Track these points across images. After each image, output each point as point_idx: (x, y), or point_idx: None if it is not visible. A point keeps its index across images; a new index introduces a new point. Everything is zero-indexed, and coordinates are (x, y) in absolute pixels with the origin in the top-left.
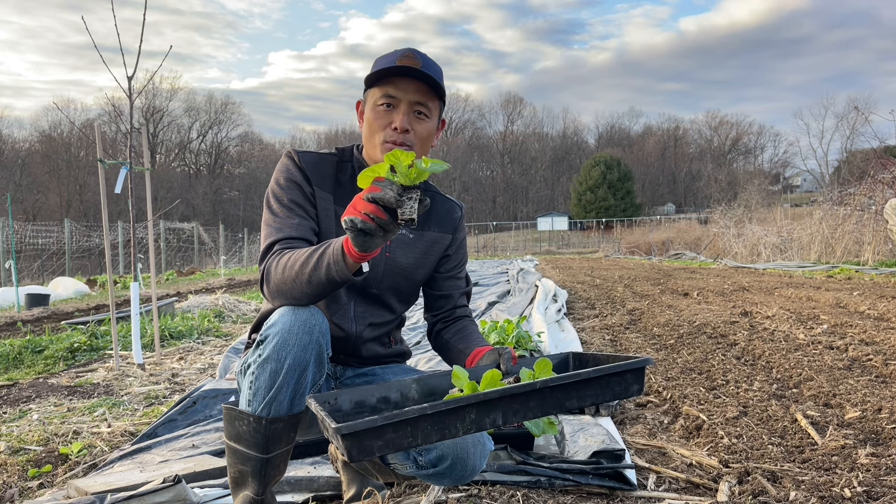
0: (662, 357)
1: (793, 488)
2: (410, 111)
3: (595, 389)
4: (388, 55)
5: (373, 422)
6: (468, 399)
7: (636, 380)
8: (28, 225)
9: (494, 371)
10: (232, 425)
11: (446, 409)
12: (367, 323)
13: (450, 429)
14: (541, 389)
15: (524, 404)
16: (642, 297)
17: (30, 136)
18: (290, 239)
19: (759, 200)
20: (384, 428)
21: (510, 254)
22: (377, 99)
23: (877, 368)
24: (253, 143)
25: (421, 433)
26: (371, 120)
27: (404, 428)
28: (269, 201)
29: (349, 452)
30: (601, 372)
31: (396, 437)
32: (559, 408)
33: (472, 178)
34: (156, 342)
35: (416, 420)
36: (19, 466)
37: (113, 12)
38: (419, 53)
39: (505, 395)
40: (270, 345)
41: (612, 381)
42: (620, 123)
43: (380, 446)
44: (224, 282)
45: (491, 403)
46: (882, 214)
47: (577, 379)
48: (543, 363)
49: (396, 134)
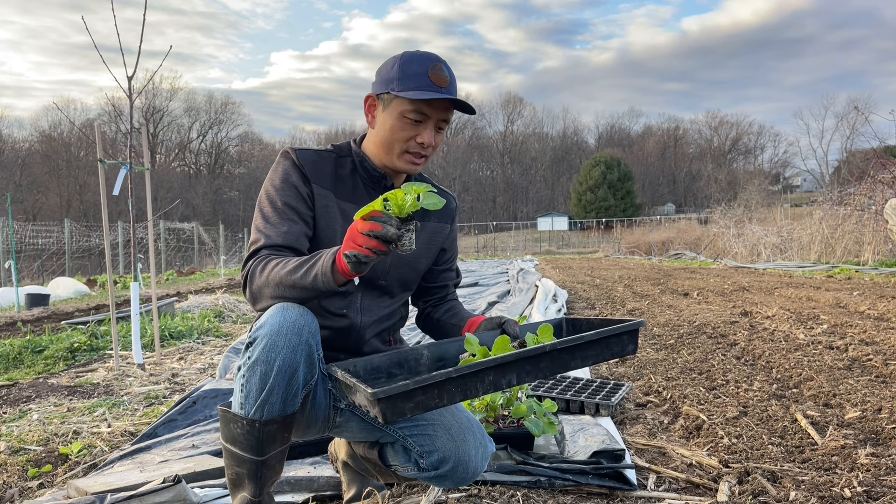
0: (662, 357)
1: (793, 488)
2: (435, 127)
3: (596, 350)
4: (416, 61)
5: (405, 386)
6: (487, 363)
7: (631, 340)
8: (28, 225)
9: (505, 338)
10: (227, 427)
11: (468, 372)
12: (373, 316)
13: (471, 389)
14: (550, 352)
15: (535, 365)
16: (642, 297)
17: (30, 136)
18: (277, 247)
19: (759, 200)
20: (414, 391)
21: (510, 254)
22: (406, 111)
23: (877, 368)
24: (253, 143)
25: (447, 394)
26: (395, 128)
27: (432, 390)
28: (262, 203)
29: (384, 414)
30: (601, 334)
31: (425, 398)
32: (565, 367)
33: (472, 178)
34: (156, 342)
35: (442, 383)
36: (19, 466)
37: (113, 12)
38: (445, 65)
39: (519, 358)
40: (259, 347)
41: (612, 342)
42: (620, 123)
43: (411, 408)
44: (224, 282)
45: (507, 366)
46: (882, 214)
47: (581, 341)
48: (545, 328)
49: (421, 148)
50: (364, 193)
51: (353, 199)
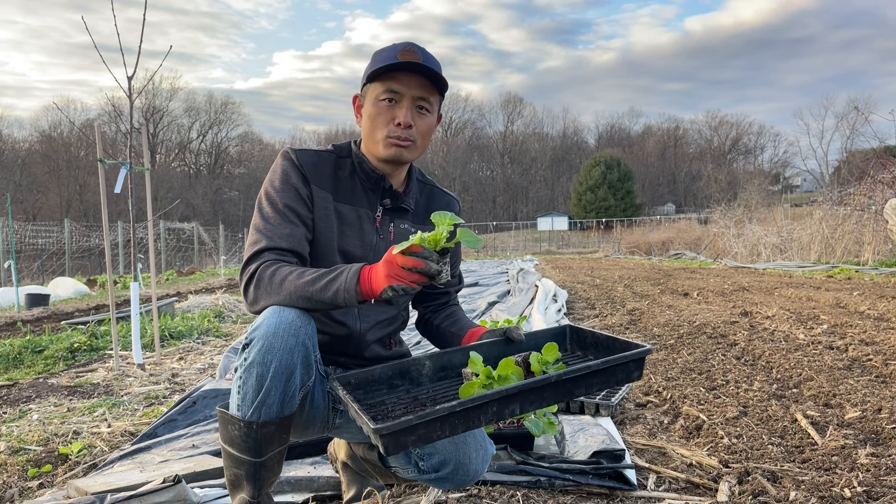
0: (662, 357)
1: (793, 488)
2: (413, 106)
3: (601, 378)
4: (386, 49)
5: (408, 422)
6: (491, 395)
7: (637, 367)
8: (28, 225)
9: (509, 359)
10: (225, 429)
11: (472, 405)
12: (372, 322)
13: (474, 421)
14: (555, 382)
15: (539, 395)
16: (642, 297)
17: (30, 136)
18: (280, 250)
19: (759, 200)
20: (417, 426)
21: (510, 254)
22: (379, 94)
23: (877, 368)
24: (253, 142)
25: (449, 426)
26: (373, 115)
27: (434, 424)
28: (262, 204)
29: (386, 448)
30: (607, 363)
31: (427, 431)
32: (570, 395)
33: (472, 178)
34: (156, 342)
35: (445, 417)
36: (19, 466)
37: (113, 12)
38: (419, 47)
39: (523, 390)
40: (255, 348)
41: (617, 370)
42: (620, 123)
43: (413, 440)
44: (224, 282)
45: (510, 398)
46: (882, 214)
47: (586, 371)
48: (551, 348)
49: (400, 129)
50: (362, 195)
51: (350, 201)
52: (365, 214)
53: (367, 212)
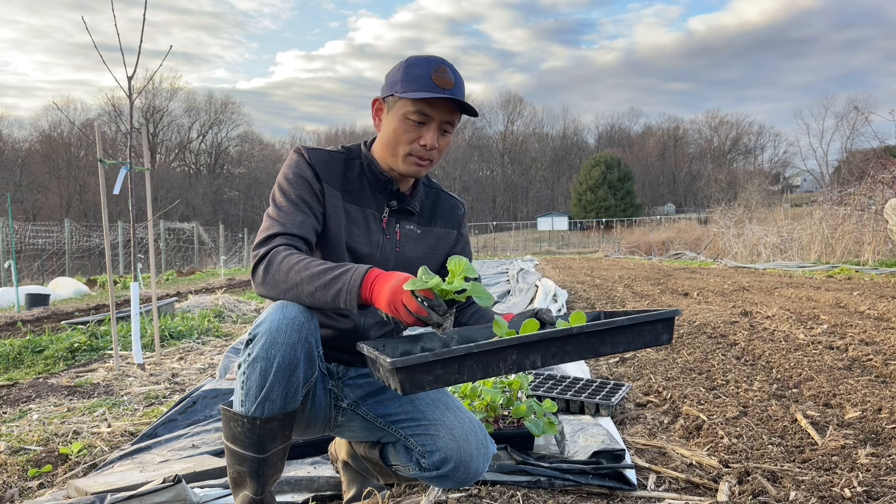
0: (662, 357)
1: (793, 488)
2: (439, 129)
3: (628, 336)
4: (420, 64)
5: (423, 357)
6: (511, 340)
7: (666, 329)
8: (28, 225)
9: (533, 320)
10: (228, 426)
11: (490, 348)
12: (375, 318)
13: (493, 367)
14: (577, 335)
15: (562, 348)
16: (642, 296)
17: (30, 135)
18: (292, 235)
19: (759, 200)
20: (434, 364)
21: (510, 254)
22: (409, 112)
23: (877, 368)
24: (253, 142)
25: (467, 370)
26: (399, 131)
27: (452, 365)
28: (276, 195)
29: (402, 385)
30: (634, 320)
31: (444, 372)
32: (594, 352)
33: (472, 178)
34: (156, 342)
35: (462, 357)
36: (19, 466)
37: (113, 12)
38: (450, 67)
39: (545, 339)
40: (259, 343)
41: (644, 330)
42: (620, 123)
43: (430, 381)
44: (224, 282)
45: (531, 346)
46: (882, 214)
47: (611, 326)
48: (578, 315)
49: (424, 150)
50: (370, 197)
51: (358, 202)
52: (371, 215)
53: (373, 212)
